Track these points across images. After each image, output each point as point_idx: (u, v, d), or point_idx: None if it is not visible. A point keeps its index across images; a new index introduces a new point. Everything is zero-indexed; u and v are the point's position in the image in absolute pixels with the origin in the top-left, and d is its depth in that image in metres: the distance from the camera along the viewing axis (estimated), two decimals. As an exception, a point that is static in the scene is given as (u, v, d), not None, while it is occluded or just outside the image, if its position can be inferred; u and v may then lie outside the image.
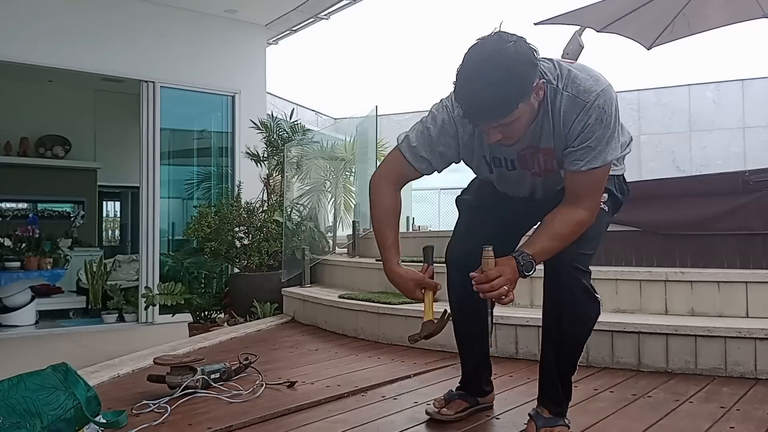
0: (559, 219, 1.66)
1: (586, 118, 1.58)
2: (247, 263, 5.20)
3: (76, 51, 6.23)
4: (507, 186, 1.88)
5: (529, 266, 1.61)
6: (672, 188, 3.58)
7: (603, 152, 1.60)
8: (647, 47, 5.52)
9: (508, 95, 1.47)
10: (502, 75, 1.45)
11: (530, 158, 1.73)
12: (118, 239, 10.62)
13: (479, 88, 1.47)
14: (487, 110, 1.50)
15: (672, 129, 12.62)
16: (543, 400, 1.82)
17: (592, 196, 1.67)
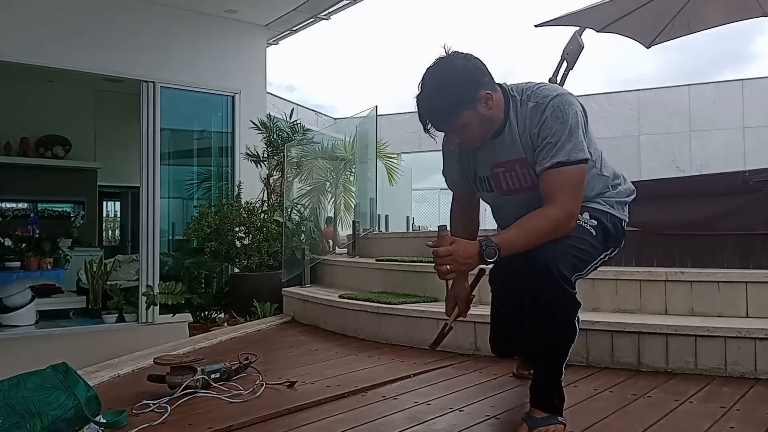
0: (531, 214, 1.73)
1: (543, 118, 1.74)
2: (247, 263, 5.20)
3: (76, 51, 6.23)
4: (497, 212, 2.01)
5: (492, 252, 1.65)
6: (672, 188, 3.58)
7: (564, 147, 1.70)
8: (647, 46, 5.52)
9: (445, 105, 1.71)
10: (437, 89, 1.71)
11: (508, 176, 1.85)
12: (118, 239, 10.62)
13: (423, 100, 1.74)
14: (430, 118, 1.74)
15: (672, 129, 12.63)
16: (534, 401, 1.82)
17: (565, 196, 1.72)
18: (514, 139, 1.79)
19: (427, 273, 3.68)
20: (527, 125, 1.77)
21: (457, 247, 1.66)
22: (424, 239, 4.52)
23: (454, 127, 1.76)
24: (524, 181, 1.82)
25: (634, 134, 12.98)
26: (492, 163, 1.85)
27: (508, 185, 1.86)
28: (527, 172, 1.80)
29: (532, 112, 1.76)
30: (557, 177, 1.72)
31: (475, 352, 2.99)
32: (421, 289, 3.68)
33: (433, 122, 1.75)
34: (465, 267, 1.68)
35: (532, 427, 1.75)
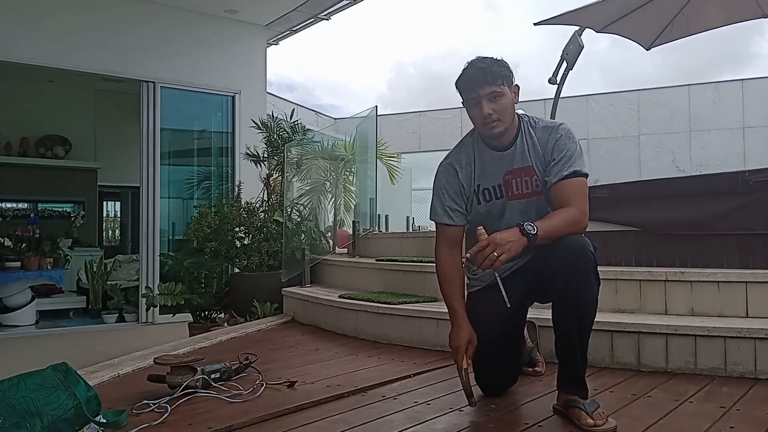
0: (556, 210, 1.96)
1: (557, 136, 2.04)
2: (247, 263, 5.20)
3: (76, 51, 6.23)
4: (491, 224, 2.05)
5: (531, 228, 1.82)
6: (672, 188, 3.58)
7: (577, 160, 1.99)
8: (646, 48, 5.52)
9: (495, 69, 2.02)
10: (490, 61, 2.05)
11: (514, 182, 2.08)
12: (118, 239, 10.62)
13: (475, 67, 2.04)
14: (481, 76, 2.01)
15: (672, 129, 12.63)
16: (575, 388, 1.91)
17: (581, 200, 1.97)
18: (524, 150, 2.07)
19: (427, 273, 3.69)
20: (537, 141, 2.06)
21: (494, 235, 1.81)
22: (423, 239, 4.52)
23: (495, 90, 1.99)
24: (526, 188, 2.07)
25: (634, 134, 12.99)
26: (504, 171, 2.09)
27: (513, 191, 2.09)
28: (531, 179, 2.06)
29: (544, 131, 2.07)
30: (573, 185, 1.97)
31: (475, 352, 2.99)
32: (421, 289, 3.68)
33: (485, 76, 1.99)
34: (510, 246, 1.79)
35: (591, 411, 1.84)
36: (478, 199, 2.14)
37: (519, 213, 2.07)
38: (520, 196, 2.09)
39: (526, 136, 2.09)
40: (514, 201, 2.09)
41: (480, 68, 2.02)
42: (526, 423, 1.92)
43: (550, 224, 1.89)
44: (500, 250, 1.78)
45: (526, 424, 1.91)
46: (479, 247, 1.80)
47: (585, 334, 1.93)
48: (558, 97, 5.59)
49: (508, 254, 1.78)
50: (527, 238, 1.82)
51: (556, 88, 5.46)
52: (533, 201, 2.08)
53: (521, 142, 2.08)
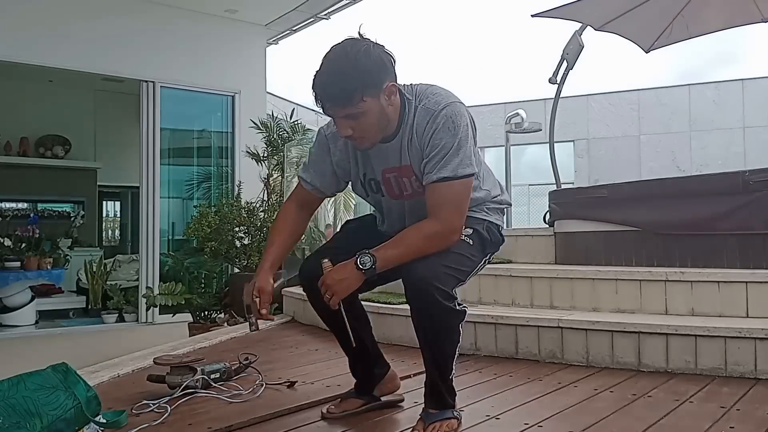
0: (410, 228, 1.72)
1: (435, 126, 1.66)
2: (247, 263, 5.20)
3: (76, 51, 6.23)
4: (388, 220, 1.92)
5: (366, 260, 1.63)
6: (672, 188, 3.58)
7: (451, 161, 1.65)
8: (645, 50, 5.50)
9: (351, 84, 1.58)
10: (347, 66, 1.58)
11: (394, 181, 1.79)
12: (118, 239, 10.62)
13: (327, 77, 1.61)
14: (332, 96, 1.61)
15: (672, 129, 12.63)
16: (428, 400, 1.83)
17: (449, 210, 1.68)
18: (403, 145, 1.73)
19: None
20: (416, 130, 1.70)
21: (327, 274, 1.67)
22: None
23: (353, 112, 1.61)
24: (406, 189, 1.79)
25: (634, 134, 12.99)
26: (383, 168, 1.78)
27: (394, 191, 1.81)
28: (410, 180, 1.77)
29: (424, 116, 1.69)
30: (442, 191, 1.67)
31: (475, 353, 2.99)
32: (421, 289, 3.68)
33: (334, 101, 1.61)
34: (343, 285, 1.65)
35: (428, 422, 1.77)
36: (365, 190, 1.88)
37: (408, 212, 1.83)
38: (402, 197, 1.82)
39: (406, 124, 1.72)
40: (398, 201, 1.84)
41: (328, 84, 1.60)
42: (526, 423, 1.92)
43: (394, 253, 1.66)
44: (330, 292, 1.65)
45: (526, 425, 1.91)
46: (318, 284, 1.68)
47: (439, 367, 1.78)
48: (558, 97, 5.59)
49: (339, 296, 1.65)
50: (362, 272, 1.64)
51: (557, 87, 5.46)
52: (420, 202, 1.76)
53: (402, 132, 1.72)
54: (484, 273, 3.43)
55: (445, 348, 1.77)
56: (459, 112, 1.68)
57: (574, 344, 2.75)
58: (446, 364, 1.80)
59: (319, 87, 1.62)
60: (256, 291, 1.83)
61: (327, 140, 1.86)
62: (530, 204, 13.15)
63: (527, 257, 4.03)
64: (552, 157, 5.53)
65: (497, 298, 3.44)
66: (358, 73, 1.58)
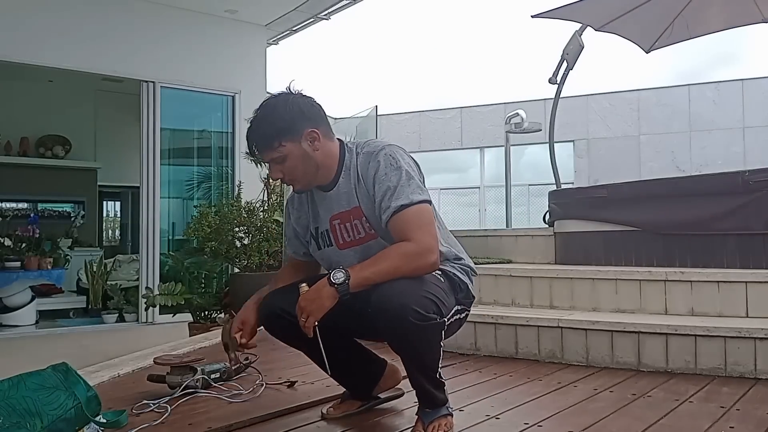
0: (386, 247, 1.70)
1: (377, 165, 1.74)
2: (247, 263, 5.20)
3: (76, 51, 6.23)
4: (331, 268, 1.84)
5: (340, 276, 1.62)
6: (672, 188, 3.58)
7: (404, 190, 1.68)
8: (646, 50, 5.51)
9: (267, 131, 1.74)
10: (265, 115, 1.76)
11: (342, 228, 1.82)
12: (118, 239, 10.62)
13: (253, 125, 1.77)
14: (255, 142, 1.77)
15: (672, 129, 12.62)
16: (420, 402, 1.82)
17: (417, 231, 1.66)
18: (349, 189, 1.79)
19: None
20: (360, 173, 1.78)
21: (301, 296, 1.66)
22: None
23: (275, 156, 1.75)
24: (357, 233, 1.79)
25: (634, 134, 12.98)
26: (330, 215, 1.83)
27: (344, 238, 1.82)
28: (360, 222, 1.78)
29: (365, 160, 1.78)
30: (404, 218, 1.67)
31: (475, 352, 2.99)
32: (421, 289, 3.68)
33: (258, 145, 1.77)
34: (316, 305, 1.63)
35: (427, 422, 1.78)
36: (318, 244, 1.89)
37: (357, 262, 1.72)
38: (353, 243, 1.80)
39: (349, 170, 1.79)
40: (347, 249, 1.81)
41: (252, 131, 1.76)
42: (526, 423, 1.92)
43: (369, 270, 1.63)
44: (305, 314, 1.63)
45: (526, 425, 1.91)
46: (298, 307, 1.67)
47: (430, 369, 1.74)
48: (558, 97, 5.59)
49: (315, 316, 1.63)
50: (335, 288, 1.61)
51: (557, 87, 5.46)
52: (371, 246, 1.76)
53: (345, 179, 1.79)
54: (484, 273, 3.47)
55: (431, 362, 1.73)
56: (398, 151, 1.78)
57: (574, 344, 2.75)
58: (433, 369, 1.75)
59: (248, 134, 1.78)
60: (238, 324, 1.94)
61: (288, 205, 1.97)
62: (530, 204, 13.15)
63: (527, 257, 4.03)
64: (552, 157, 5.53)
65: (497, 298, 3.44)
66: (274, 120, 1.74)
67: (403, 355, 1.74)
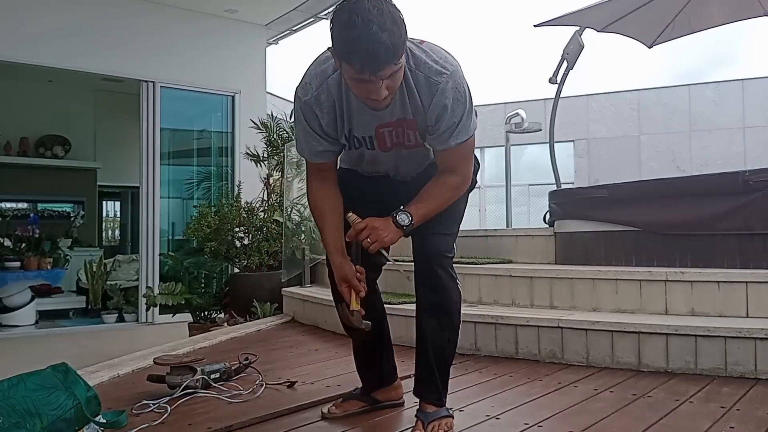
0: (434, 183, 1.81)
1: (444, 100, 1.66)
2: (247, 263, 5.20)
3: (76, 51, 6.23)
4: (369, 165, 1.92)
5: (405, 217, 1.74)
6: (672, 188, 3.58)
7: (466, 126, 1.73)
8: (648, 46, 5.53)
9: (398, 42, 1.50)
10: (390, 20, 1.49)
11: (390, 134, 1.77)
12: (118, 239, 10.61)
13: (374, 34, 1.46)
14: (383, 55, 1.49)
15: (672, 129, 12.62)
16: (423, 396, 1.89)
17: (466, 165, 1.82)
18: (404, 102, 1.69)
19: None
20: (419, 95, 1.68)
21: (373, 220, 1.74)
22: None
23: (395, 69, 1.55)
24: (408, 140, 1.78)
25: (634, 134, 12.98)
26: (377, 124, 1.75)
27: (392, 141, 1.79)
28: (413, 133, 1.76)
29: (426, 85, 1.66)
30: (459, 151, 1.76)
31: (475, 352, 2.99)
32: (421, 289, 3.68)
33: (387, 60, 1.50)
34: (386, 235, 1.73)
35: (427, 421, 1.82)
36: (348, 143, 1.82)
37: (400, 162, 1.87)
38: (399, 147, 1.81)
39: (406, 86, 1.67)
40: (390, 152, 1.83)
41: (380, 43, 1.46)
42: (526, 423, 1.92)
43: (426, 208, 1.78)
44: (374, 237, 1.73)
45: (526, 425, 1.91)
46: (356, 230, 1.74)
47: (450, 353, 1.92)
48: (558, 97, 5.59)
49: (380, 244, 1.73)
50: (401, 229, 1.75)
51: (557, 87, 5.46)
52: (417, 151, 1.83)
53: (401, 92, 1.67)
54: (484, 273, 3.48)
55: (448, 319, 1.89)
56: (460, 78, 1.69)
57: (574, 344, 2.75)
58: (453, 356, 1.90)
59: (366, 43, 1.47)
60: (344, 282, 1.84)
61: (311, 106, 1.74)
62: (530, 204, 13.14)
63: (527, 257, 4.03)
64: (552, 157, 5.53)
65: (497, 298, 3.44)
66: (399, 27, 1.51)
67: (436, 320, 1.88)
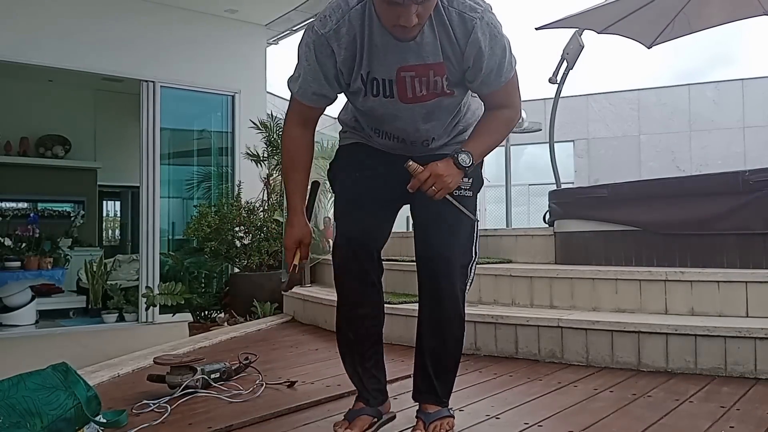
0: (487, 119, 1.72)
1: (481, 37, 1.57)
2: (247, 263, 5.20)
3: (76, 51, 6.23)
4: (386, 123, 1.74)
5: (466, 158, 1.64)
6: (672, 188, 3.58)
7: (510, 61, 1.64)
8: (648, 46, 5.53)
9: None
10: None
11: (413, 82, 1.62)
12: (118, 239, 10.61)
13: None
14: None
15: (672, 129, 12.63)
16: (423, 398, 1.84)
17: (516, 98, 1.73)
18: (434, 42, 1.57)
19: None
20: (455, 34, 1.57)
21: (434, 165, 1.62)
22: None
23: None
24: (434, 88, 1.63)
25: (634, 134, 12.99)
26: (399, 66, 1.59)
27: (414, 92, 1.63)
28: (441, 79, 1.62)
29: (461, 23, 1.56)
30: (505, 89, 1.68)
31: (475, 352, 2.99)
32: (421, 289, 3.68)
33: None
34: (449, 180, 1.62)
35: (428, 422, 1.78)
36: (365, 89, 1.65)
37: (421, 118, 1.69)
38: (421, 99, 1.65)
39: (437, 22, 1.56)
40: (414, 105, 1.66)
41: None
42: (526, 423, 1.92)
43: (484, 144, 1.69)
44: (439, 185, 1.61)
45: (526, 424, 1.91)
46: (420, 179, 1.61)
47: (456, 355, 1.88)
48: (558, 97, 5.59)
49: (446, 191, 1.63)
50: (463, 170, 1.64)
51: (557, 87, 5.46)
52: (442, 101, 1.67)
53: (430, 29, 1.55)
54: (484, 273, 3.47)
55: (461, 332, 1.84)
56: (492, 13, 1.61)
57: (574, 344, 2.75)
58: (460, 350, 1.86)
59: None
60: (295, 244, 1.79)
61: (327, 40, 1.59)
62: (530, 204, 13.15)
63: (527, 257, 4.03)
64: (552, 156, 5.53)
65: (497, 297, 3.44)
66: None
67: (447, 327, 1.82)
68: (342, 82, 1.67)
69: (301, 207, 1.80)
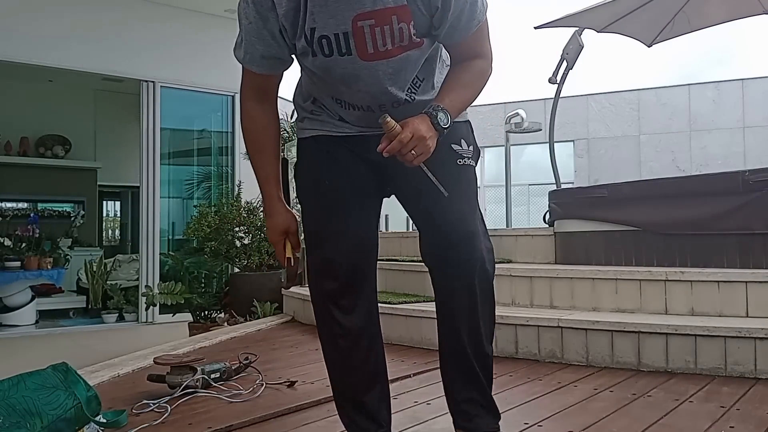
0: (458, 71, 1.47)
1: None
2: (247, 263, 5.20)
3: (76, 51, 6.23)
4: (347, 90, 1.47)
5: (444, 118, 1.37)
6: (672, 188, 3.58)
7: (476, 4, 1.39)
8: (648, 44, 5.54)
9: None
10: None
11: (371, 32, 1.33)
12: (118, 239, 10.61)
13: None
14: None
15: (672, 129, 12.62)
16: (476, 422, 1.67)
17: (486, 45, 1.48)
18: None
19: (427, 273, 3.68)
20: None
21: (415, 124, 1.33)
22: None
23: None
24: (399, 39, 1.35)
25: (634, 134, 12.98)
26: (354, 14, 1.31)
27: (376, 46, 1.35)
28: (407, 26, 1.33)
29: None
30: (477, 35, 1.43)
31: (475, 352, 2.99)
32: (421, 289, 3.68)
33: None
34: (431, 142, 1.35)
35: None
36: (312, 50, 1.38)
37: (387, 78, 1.41)
38: (386, 55, 1.37)
39: None
40: (376, 62, 1.38)
41: None
42: (526, 423, 1.92)
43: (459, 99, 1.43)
44: (420, 148, 1.34)
45: (526, 424, 1.91)
46: (400, 141, 1.32)
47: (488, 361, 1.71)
48: (558, 97, 5.59)
49: (426, 156, 1.36)
50: (441, 132, 1.38)
51: (557, 87, 5.47)
52: (411, 56, 1.40)
53: None
54: (484, 273, 3.46)
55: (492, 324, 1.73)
56: None
57: (574, 344, 2.75)
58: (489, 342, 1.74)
59: None
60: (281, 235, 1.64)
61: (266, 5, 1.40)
62: (530, 204, 13.16)
63: (527, 257, 4.03)
64: (552, 156, 5.53)
65: (497, 297, 3.41)
66: None
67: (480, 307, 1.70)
68: (288, 41, 1.42)
69: (277, 192, 1.59)
